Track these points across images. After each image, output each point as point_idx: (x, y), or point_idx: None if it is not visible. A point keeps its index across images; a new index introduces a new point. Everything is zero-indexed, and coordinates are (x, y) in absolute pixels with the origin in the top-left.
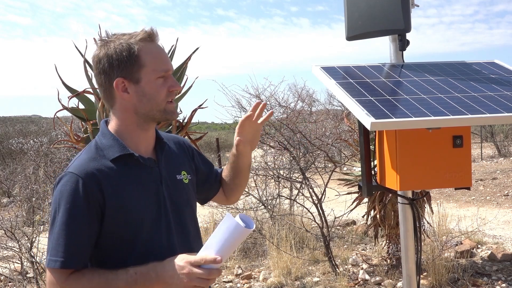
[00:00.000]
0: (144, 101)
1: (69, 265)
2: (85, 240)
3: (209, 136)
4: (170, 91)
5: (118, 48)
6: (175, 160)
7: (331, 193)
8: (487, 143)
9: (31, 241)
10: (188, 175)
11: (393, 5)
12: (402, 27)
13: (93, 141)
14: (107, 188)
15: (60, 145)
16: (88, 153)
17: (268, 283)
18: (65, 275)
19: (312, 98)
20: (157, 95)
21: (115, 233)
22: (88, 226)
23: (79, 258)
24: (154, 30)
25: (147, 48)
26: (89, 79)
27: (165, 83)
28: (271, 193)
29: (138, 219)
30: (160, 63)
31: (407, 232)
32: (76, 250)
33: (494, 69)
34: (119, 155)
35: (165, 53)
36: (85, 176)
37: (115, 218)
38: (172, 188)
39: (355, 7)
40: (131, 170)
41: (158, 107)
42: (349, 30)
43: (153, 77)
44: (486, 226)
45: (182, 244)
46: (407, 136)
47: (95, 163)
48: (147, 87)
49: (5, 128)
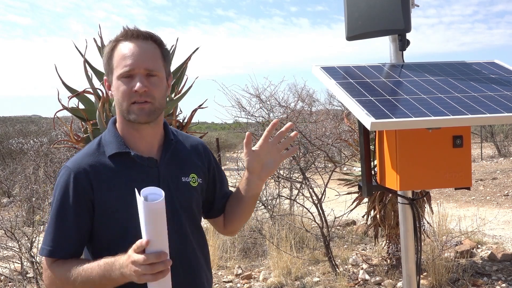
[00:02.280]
0: (115, 102)
1: (54, 254)
2: (72, 231)
3: (209, 136)
4: (134, 92)
5: (107, 48)
6: (184, 161)
7: (331, 193)
8: (487, 143)
9: (31, 241)
10: (198, 179)
11: (393, 5)
12: (402, 27)
13: (99, 136)
14: (96, 183)
15: (60, 145)
16: (87, 149)
17: (268, 283)
18: (51, 262)
19: (312, 98)
20: (119, 96)
21: (105, 229)
22: (76, 218)
23: (65, 247)
24: (132, 28)
25: (118, 47)
26: (89, 79)
27: (129, 83)
28: (271, 193)
29: (125, 217)
30: (123, 62)
31: (407, 232)
32: (62, 240)
33: (494, 69)
34: (115, 152)
35: (136, 51)
36: (76, 170)
37: (103, 213)
38: (173, 189)
39: (355, 7)
40: (125, 168)
41: (121, 107)
42: (349, 30)
43: (116, 77)
44: (486, 226)
45: (175, 245)
46: (407, 136)
47: (90, 158)
48: (114, 88)
49: (5, 128)
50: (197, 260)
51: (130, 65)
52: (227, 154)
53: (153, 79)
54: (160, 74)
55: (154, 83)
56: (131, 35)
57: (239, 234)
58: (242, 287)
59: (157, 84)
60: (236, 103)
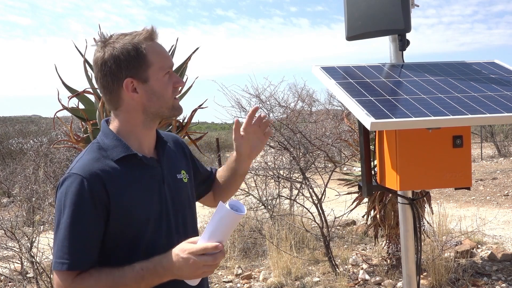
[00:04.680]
0: (154, 100)
1: (75, 267)
2: (91, 240)
3: (209, 136)
4: (175, 87)
5: (125, 49)
6: (174, 159)
7: (331, 193)
8: (487, 143)
9: (31, 241)
10: (186, 174)
11: (393, 5)
12: (402, 27)
13: (94, 141)
14: (112, 189)
15: (60, 145)
16: (91, 154)
17: (268, 283)
18: (72, 277)
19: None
20: (165, 93)
21: (119, 233)
22: (94, 226)
23: (86, 259)
24: (155, 29)
25: (151, 46)
26: (89, 79)
27: (170, 80)
28: (271, 193)
29: (142, 219)
30: (165, 60)
31: (407, 232)
32: (82, 251)
33: (494, 69)
34: (123, 155)
35: (166, 50)
36: (89, 177)
37: (119, 218)
38: (173, 187)
39: (355, 7)
40: (135, 171)
41: (166, 104)
42: (349, 30)
43: (160, 75)
44: (486, 226)
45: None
46: (407, 136)
47: (99, 163)
48: (156, 85)
49: (5, 128)
50: None
51: (170, 64)
52: (227, 154)
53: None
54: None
55: None
56: (156, 35)
57: (239, 234)
58: (242, 287)
59: None
60: (236, 103)
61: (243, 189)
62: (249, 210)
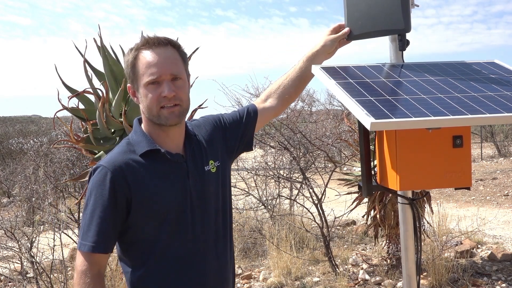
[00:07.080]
0: (143, 108)
1: (95, 249)
2: (110, 228)
3: None
4: (163, 97)
5: (129, 57)
6: (203, 151)
7: (331, 193)
8: (487, 143)
9: (31, 241)
10: (216, 162)
11: (393, 5)
12: (402, 27)
13: (127, 137)
14: (133, 181)
15: (60, 145)
16: (119, 148)
17: (268, 283)
18: (92, 258)
19: (312, 98)
20: (148, 102)
21: (140, 225)
22: (113, 215)
23: (105, 243)
24: (152, 36)
25: (142, 55)
26: (89, 79)
27: (156, 89)
28: (271, 193)
29: (162, 211)
30: (148, 70)
31: (407, 232)
32: (102, 236)
33: (494, 69)
34: (147, 150)
35: (161, 58)
36: (113, 169)
37: (140, 209)
38: (199, 181)
39: (355, 7)
40: (158, 165)
41: (152, 113)
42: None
43: (143, 84)
44: (486, 226)
45: (207, 236)
46: (407, 136)
47: (124, 157)
48: (142, 94)
49: (5, 128)
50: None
51: (157, 73)
52: None
53: (178, 82)
54: (183, 76)
55: (180, 86)
56: (152, 43)
57: (239, 234)
58: (242, 287)
59: (182, 86)
60: (236, 103)
61: (243, 189)
62: (249, 210)
